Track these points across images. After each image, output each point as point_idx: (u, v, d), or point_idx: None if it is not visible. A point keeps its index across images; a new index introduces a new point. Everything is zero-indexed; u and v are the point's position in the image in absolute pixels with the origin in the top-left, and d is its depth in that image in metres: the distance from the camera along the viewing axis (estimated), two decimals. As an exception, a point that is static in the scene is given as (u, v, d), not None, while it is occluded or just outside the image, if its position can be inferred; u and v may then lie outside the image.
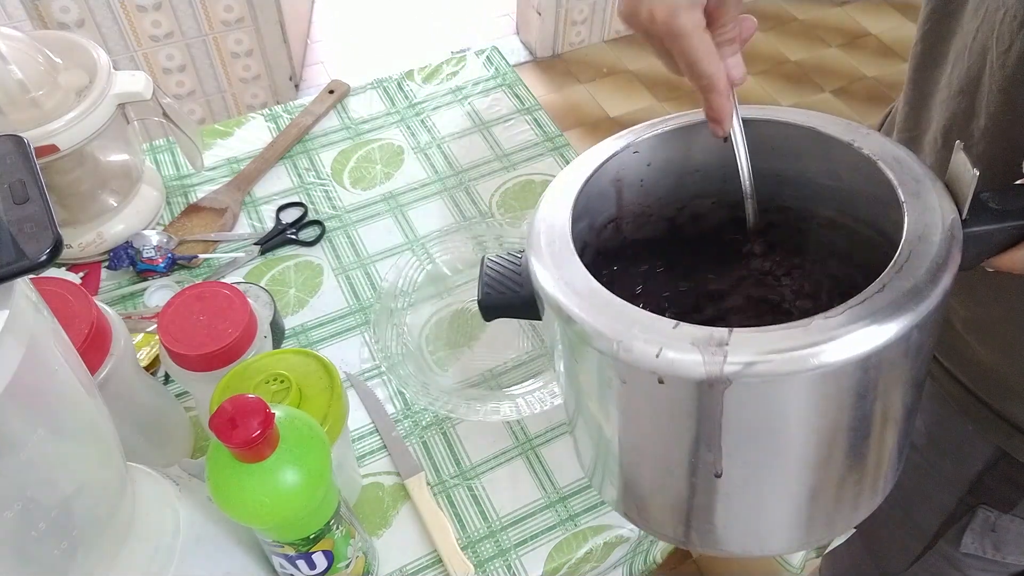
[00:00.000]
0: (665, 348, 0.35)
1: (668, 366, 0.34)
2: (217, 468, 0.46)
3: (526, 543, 0.65)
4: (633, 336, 0.35)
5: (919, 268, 0.36)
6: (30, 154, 0.36)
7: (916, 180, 0.40)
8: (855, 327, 0.34)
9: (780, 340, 0.34)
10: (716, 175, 0.49)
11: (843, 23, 2.51)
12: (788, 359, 0.33)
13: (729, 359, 0.33)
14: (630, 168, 0.48)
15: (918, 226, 0.37)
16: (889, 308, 0.34)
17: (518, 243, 0.82)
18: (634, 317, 0.37)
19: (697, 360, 0.34)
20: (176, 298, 0.59)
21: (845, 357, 0.34)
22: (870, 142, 0.43)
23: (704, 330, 0.35)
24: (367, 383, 0.74)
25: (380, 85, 1.01)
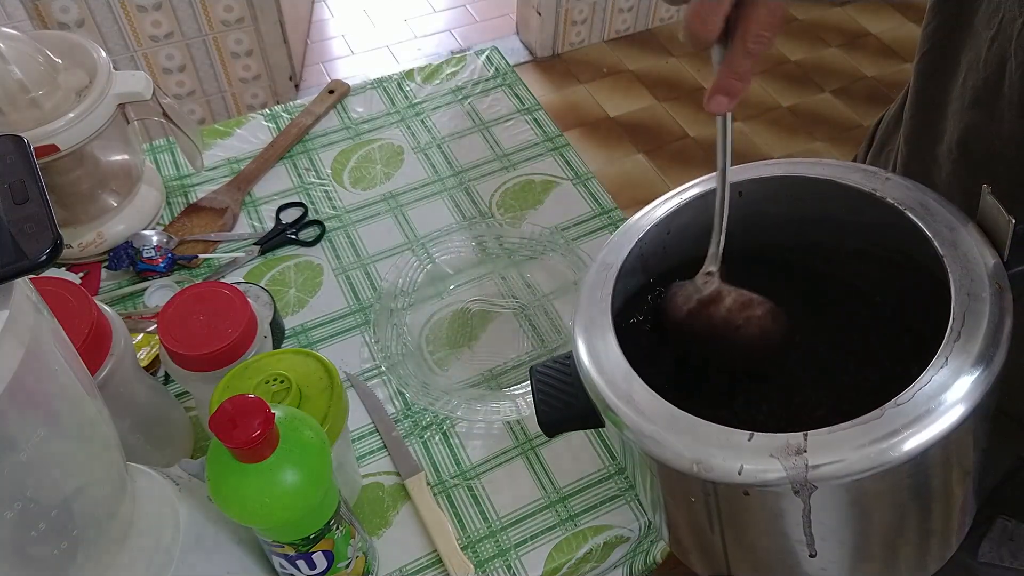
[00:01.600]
0: (745, 464, 0.34)
1: (751, 480, 0.35)
2: (217, 468, 0.46)
3: (526, 543, 0.65)
4: (711, 455, 0.35)
5: (977, 330, 0.35)
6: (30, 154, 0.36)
7: (949, 228, 0.39)
8: (929, 410, 0.33)
9: (857, 437, 0.33)
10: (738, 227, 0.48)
11: (843, 23, 2.51)
12: (868, 456, 0.33)
13: (810, 464, 0.33)
14: (651, 239, 0.48)
15: (964, 281, 0.37)
16: (959, 381, 0.34)
17: (518, 243, 0.82)
18: (707, 433, 0.36)
19: (779, 471, 0.34)
20: (176, 298, 0.59)
21: (924, 442, 0.33)
22: (892, 189, 0.42)
23: (779, 439, 0.34)
24: (367, 383, 0.74)
25: (380, 85, 1.01)
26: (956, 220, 0.40)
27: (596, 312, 0.43)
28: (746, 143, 2.14)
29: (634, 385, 0.39)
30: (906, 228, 0.41)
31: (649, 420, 0.37)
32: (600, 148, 2.12)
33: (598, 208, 0.88)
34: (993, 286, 0.36)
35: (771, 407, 0.46)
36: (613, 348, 0.41)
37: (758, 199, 0.46)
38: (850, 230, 0.46)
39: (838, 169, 0.44)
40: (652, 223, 0.47)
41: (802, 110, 2.23)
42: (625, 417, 0.38)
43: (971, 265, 0.37)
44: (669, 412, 0.37)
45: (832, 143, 2.14)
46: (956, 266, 0.38)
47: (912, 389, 0.34)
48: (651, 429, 0.37)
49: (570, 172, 0.92)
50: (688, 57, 2.39)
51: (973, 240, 0.38)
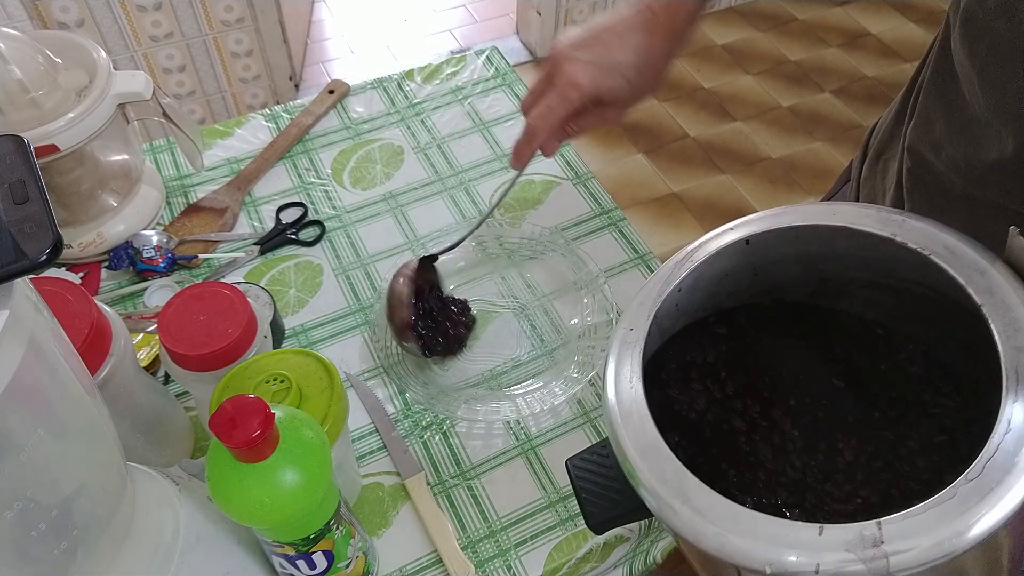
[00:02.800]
0: (821, 561, 0.33)
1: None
2: (217, 468, 0.46)
3: (526, 543, 0.65)
4: (782, 555, 0.34)
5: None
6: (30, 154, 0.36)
7: (980, 271, 0.38)
8: (1002, 483, 0.32)
9: (935, 520, 0.32)
10: (746, 272, 0.47)
11: (843, 23, 2.51)
12: (949, 540, 0.32)
13: (890, 555, 0.32)
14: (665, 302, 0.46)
15: (1009, 333, 0.35)
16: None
17: (518, 243, 0.82)
18: (774, 531, 0.35)
19: (858, 565, 0.33)
20: (176, 298, 0.59)
21: (1002, 517, 0.32)
22: (911, 232, 0.41)
23: (852, 529, 0.33)
24: (367, 383, 0.74)
25: (380, 85, 1.01)
26: (984, 261, 0.38)
27: (631, 402, 0.40)
28: (746, 143, 2.14)
29: (687, 482, 0.37)
30: (931, 270, 0.39)
31: (710, 520, 0.36)
32: (600, 148, 2.12)
33: (598, 208, 0.88)
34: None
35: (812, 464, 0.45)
36: (659, 443, 0.39)
37: (766, 245, 0.45)
38: (861, 265, 0.45)
39: (851, 215, 0.43)
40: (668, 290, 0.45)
41: (802, 110, 2.23)
42: (684, 519, 0.36)
43: (1012, 314, 0.36)
44: (729, 510, 0.36)
45: (832, 143, 2.14)
46: (997, 316, 0.36)
47: (981, 461, 0.33)
48: (714, 531, 0.35)
49: (570, 172, 0.92)
50: (688, 57, 2.39)
51: (1008, 283, 0.37)
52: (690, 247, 0.46)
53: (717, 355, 0.48)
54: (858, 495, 0.42)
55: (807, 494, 0.43)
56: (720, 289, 0.48)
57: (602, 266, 0.78)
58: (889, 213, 0.42)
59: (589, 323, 0.75)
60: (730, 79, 2.33)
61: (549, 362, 0.75)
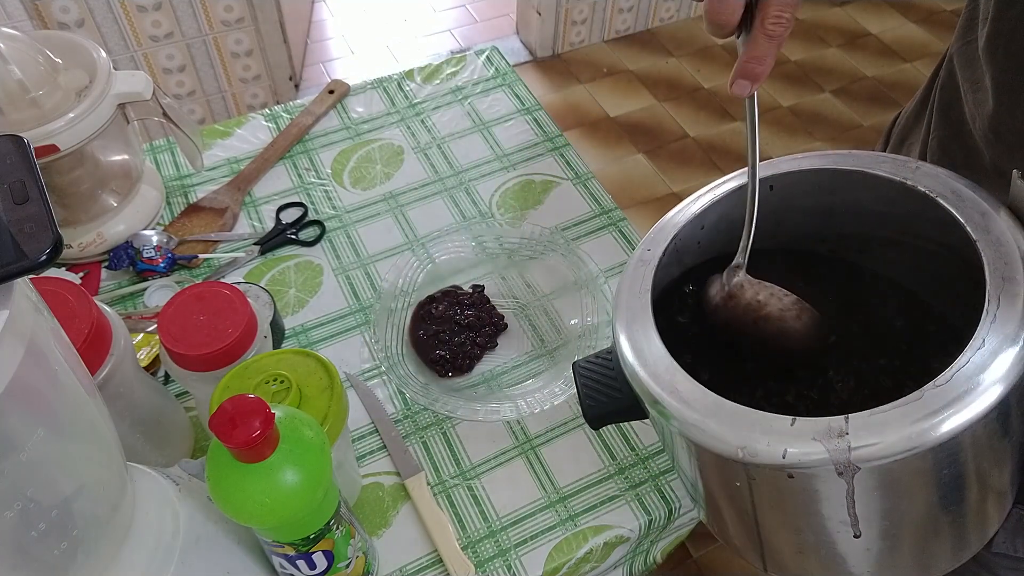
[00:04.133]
0: (789, 447, 0.35)
1: (795, 463, 0.35)
2: (217, 468, 0.46)
3: (526, 543, 0.65)
4: (755, 440, 0.36)
5: (1013, 311, 0.35)
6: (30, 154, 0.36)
7: (981, 213, 0.40)
8: (968, 390, 0.34)
9: (898, 419, 0.34)
10: (769, 220, 0.48)
11: (843, 23, 2.51)
12: (909, 437, 0.34)
13: (853, 446, 0.34)
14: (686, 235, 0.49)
15: (998, 265, 0.37)
16: (996, 361, 0.34)
17: (518, 243, 0.82)
18: (750, 420, 0.37)
19: (822, 453, 0.34)
20: (176, 298, 0.59)
21: (964, 422, 0.34)
22: (923, 178, 0.42)
23: (821, 422, 0.35)
24: (367, 383, 0.74)
25: (380, 85, 1.01)
26: (988, 205, 0.40)
27: (637, 308, 0.44)
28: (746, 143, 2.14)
29: (677, 376, 0.40)
30: (938, 216, 0.41)
31: (693, 410, 0.38)
32: (600, 148, 2.12)
33: (598, 208, 0.88)
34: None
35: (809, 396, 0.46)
36: (655, 342, 0.42)
37: (789, 192, 0.47)
38: (881, 220, 0.47)
39: (867, 160, 0.45)
40: (687, 219, 0.47)
41: (802, 110, 2.23)
42: (670, 408, 0.39)
43: (1004, 249, 0.38)
44: (713, 401, 0.38)
45: (832, 143, 2.14)
46: (989, 250, 0.38)
47: (951, 370, 0.34)
48: (696, 418, 0.38)
49: (570, 172, 0.92)
50: (688, 57, 2.39)
51: (1006, 224, 0.39)
52: (715, 182, 0.48)
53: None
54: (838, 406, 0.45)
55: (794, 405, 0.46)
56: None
57: (602, 266, 0.78)
58: (905, 161, 0.43)
59: (589, 323, 0.75)
60: (730, 79, 2.33)
61: (549, 362, 0.75)
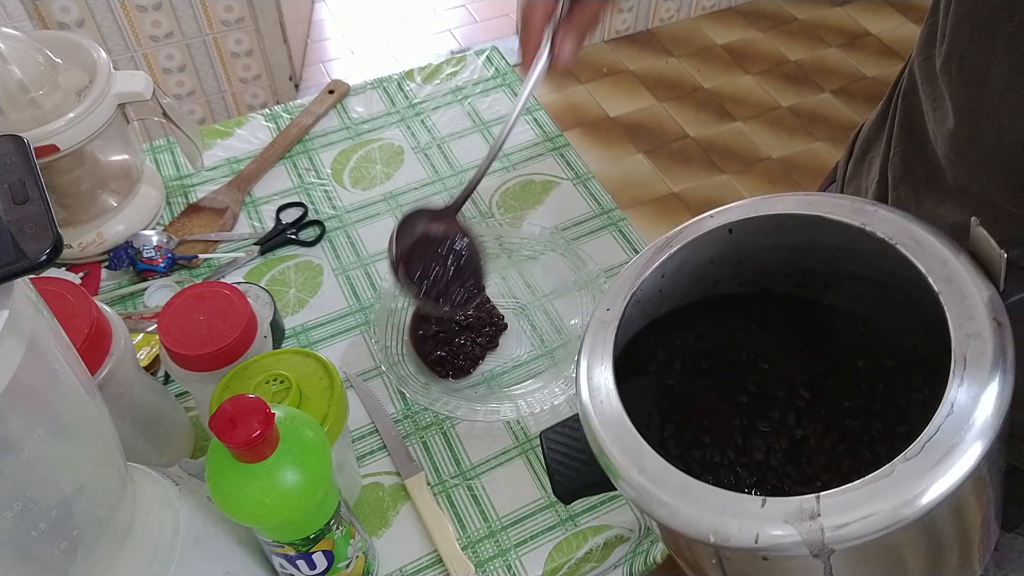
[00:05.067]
0: (760, 531, 0.34)
1: (768, 547, 0.35)
2: (217, 468, 0.46)
3: (526, 543, 0.65)
4: (726, 524, 0.35)
5: (981, 371, 0.34)
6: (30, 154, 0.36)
7: (942, 261, 0.38)
8: (940, 463, 0.33)
9: (872, 497, 0.33)
10: (730, 261, 0.48)
11: (843, 23, 2.51)
12: (884, 517, 0.33)
13: (825, 528, 0.33)
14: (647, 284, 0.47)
15: (962, 320, 0.36)
16: (967, 428, 0.33)
17: (518, 243, 0.82)
18: (720, 502, 0.36)
19: (796, 537, 0.34)
20: (176, 298, 0.59)
21: (939, 495, 0.33)
22: (881, 223, 0.41)
23: (792, 503, 0.34)
24: (367, 383, 0.74)
25: (380, 85, 1.01)
26: (948, 252, 0.39)
27: (601, 377, 0.43)
28: (746, 143, 2.14)
29: (644, 454, 0.39)
30: (899, 260, 0.40)
31: (662, 490, 0.37)
32: (600, 148, 2.12)
33: (598, 208, 0.88)
34: (992, 323, 0.36)
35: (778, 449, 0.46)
36: (623, 418, 0.41)
37: (748, 233, 0.46)
38: (844, 257, 0.46)
39: (824, 205, 0.44)
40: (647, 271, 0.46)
41: (802, 110, 2.23)
42: (638, 488, 0.38)
43: (968, 301, 0.37)
44: (681, 481, 0.37)
45: (832, 143, 2.14)
46: (953, 303, 0.37)
47: (920, 441, 0.34)
48: (665, 500, 0.37)
49: (570, 172, 0.92)
50: (688, 57, 2.40)
51: (967, 272, 0.38)
52: (671, 233, 0.47)
53: (698, 340, 0.50)
54: (818, 478, 0.44)
55: (769, 475, 0.44)
56: (706, 277, 0.49)
57: (602, 266, 0.78)
58: (863, 204, 0.42)
59: (589, 323, 0.75)
60: (730, 79, 2.33)
61: (549, 362, 0.75)
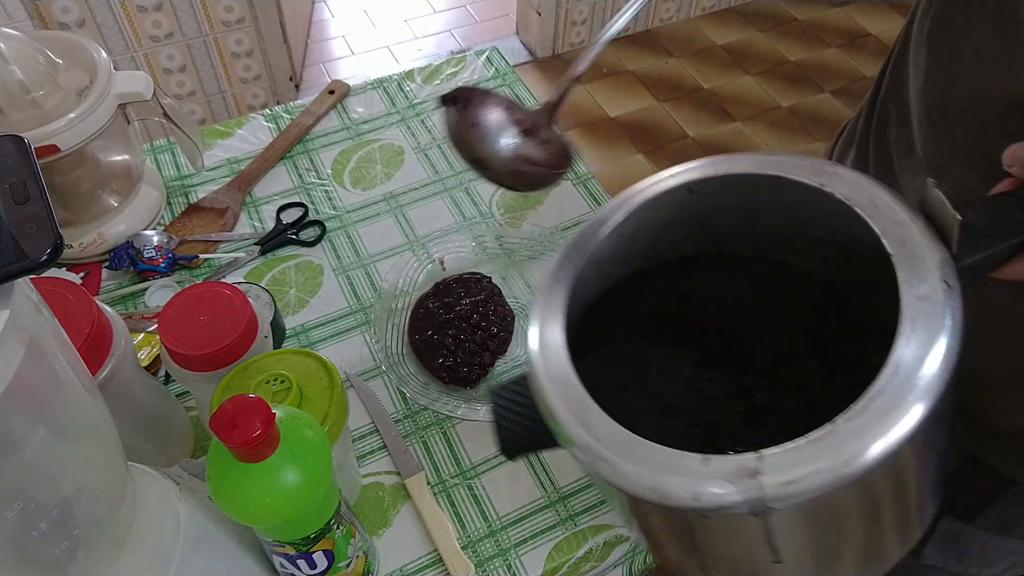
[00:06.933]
0: (701, 489, 0.34)
1: (708, 505, 0.34)
2: (217, 468, 0.46)
3: (526, 542, 0.65)
4: (665, 482, 0.35)
5: (929, 335, 0.34)
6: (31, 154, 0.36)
7: (897, 223, 0.38)
8: (883, 421, 0.33)
9: (811, 456, 0.33)
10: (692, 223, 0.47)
11: (843, 23, 2.51)
12: (825, 475, 0.32)
13: (766, 486, 0.33)
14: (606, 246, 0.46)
15: (914, 283, 0.36)
16: (911, 388, 0.33)
17: (518, 243, 0.82)
18: (661, 459, 0.35)
19: (735, 496, 0.33)
20: (177, 298, 0.59)
21: (881, 453, 0.32)
22: (841, 184, 0.41)
23: (733, 461, 0.34)
24: (367, 383, 0.74)
25: (380, 85, 1.01)
26: (905, 215, 0.38)
27: (551, 334, 0.42)
28: (746, 143, 2.14)
29: (589, 409, 0.38)
30: (857, 222, 0.40)
31: (606, 447, 0.37)
32: (600, 148, 2.12)
33: (598, 208, 0.88)
34: (942, 285, 0.35)
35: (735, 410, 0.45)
36: (570, 374, 0.40)
37: (709, 195, 0.45)
38: (806, 219, 0.45)
39: (785, 164, 0.43)
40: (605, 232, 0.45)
41: (802, 110, 2.23)
42: (582, 444, 0.37)
43: (920, 264, 0.36)
44: (625, 438, 0.37)
45: (832, 143, 2.14)
46: (905, 265, 0.36)
47: (863, 400, 0.33)
48: (606, 455, 0.36)
49: (570, 172, 0.92)
50: (688, 57, 2.40)
51: (921, 236, 0.37)
52: (629, 191, 0.46)
53: (658, 302, 0.49)
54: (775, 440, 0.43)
55: (724, 437, 0.44)
56: (666, 238, 0.48)
57: (602, 266, 0.78)
58: (824, 164, 0.42)
59: (589, 323, 0.75)
60: (730, 79, 2.33)
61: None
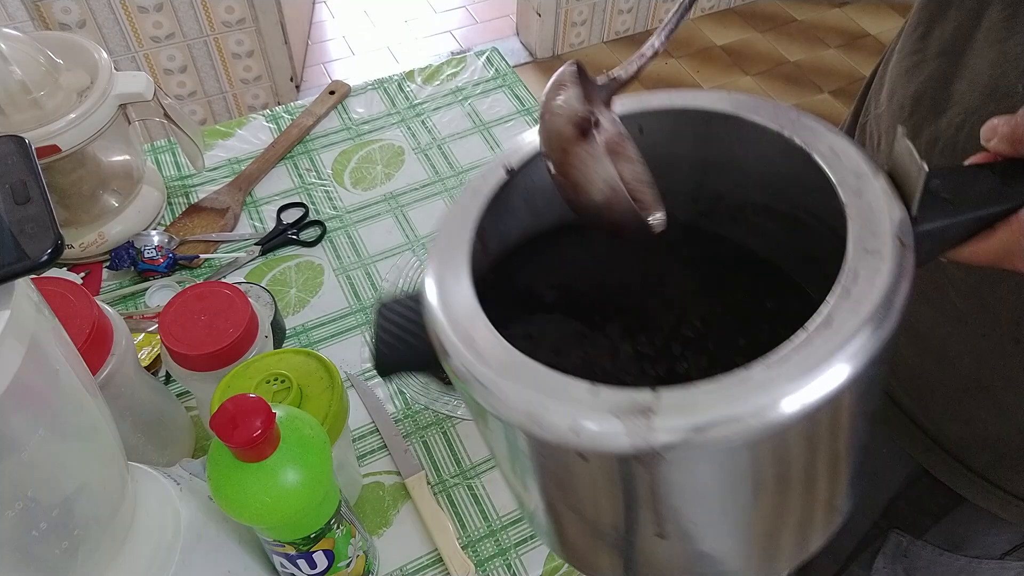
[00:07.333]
0: (581, 420, 0.28)
1: (588, 442, 0.28)
2: (218, 468, 0.46)
3: (526, 542, 0.65)
4: (543, 407, 0.29)
5: (870, 289, 0.30)
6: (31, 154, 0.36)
7: (857, 175, 0.34)
8: (801, 375, 0.28)
9: (715, 401, 0.28)
10: None
11: (842, 24, 2.51)
12: (725, 423, 0.28)
13: (658, 428, 0.28)
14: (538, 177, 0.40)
15: (864, 235, 0.32)
16: (838, 345, 0.29)
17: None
18: (545, 382, 0.30)
19: (620, 433, 0.28)
20: (177, 298, 0.59)
21: (792, 412, 0.28)
22: (802, 130, 0.37)
23: (626, 394, 0.29)
24: (367, 383, 0.74)
25: (381, 86, 1.01)
26: (867, 167, 0.35)
27: (454, 244, 0.37)
28: (746, 144, 2.14)
29: (478, 325, 0.33)
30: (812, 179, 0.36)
31: (486, 365, 0.31)
32: (600, 149, 2.12)
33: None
34: (895, 242, 0.31)
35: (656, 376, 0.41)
36: (464, 285, 0.35)
37: (661, 139, 0.41)
38: (757, 182, 0.41)
39: (746, 104, 0.39)
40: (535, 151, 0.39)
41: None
42: (460, 359, 0.32)
43: (874, 218, 0.32)
44: (510, 357, 0.31)
45: (832, 144, 2.14)
46: (857, 217, 0.33)
47: (784, 347, 0.28)
48: (484, 374, 0.31)
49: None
50: (688, 57, 2.40)
51: (881, 190, 0.33)
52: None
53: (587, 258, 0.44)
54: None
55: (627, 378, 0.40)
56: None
57: (602, 266, 0.78)
58: (786, 110, 0.38)
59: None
60: (730, 79, 2.33)
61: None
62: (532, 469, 0.35)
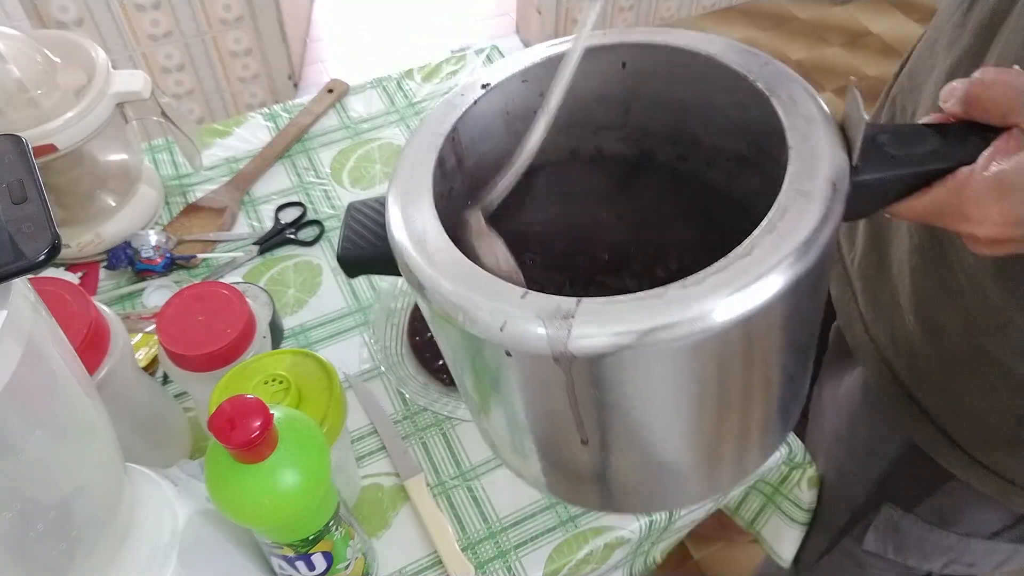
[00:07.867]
0: (510, 320, 0.32)
1: (512, 340, 0.32)
2: (216, 469, 0.46)
3: (526, 544, 0.65)
4: (478, 306, 0.33)
5: (796, 227, 0.32)
6: (28, 153, 0.36)
7: (808, 121, 0.36)
8: (713, 298, 0.30)
9: (630, 313, 0.31)
10: (619, 105, 0.44)
11: (845, 22, 2.51)
12: (635, 335, 0.30)
13: (574, 334, 0.31)
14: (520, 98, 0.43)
15: (800, 177, 0.34)
16: (754, 274, 0.31)
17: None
18: (484, 285, 0.34)
19: (540, 334, 0.31)
20: (175, 298, 0.59)
21: (699, 330, 0.30)
22: (767, 75, 0.39)
23: (551, 300, 0.32)
24: (366, 384, 0.74)
25: (379, 84, 1.01)
26: (818, 115, 0.36)
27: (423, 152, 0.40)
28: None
29: (430, 229, 0.36)
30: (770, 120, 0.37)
31: (431, 264, 0.35)
32: (600, 148, 2.12)
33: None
34: (828, 186, 0.33)
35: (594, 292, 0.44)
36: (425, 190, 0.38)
37: (642, 77, 0.43)
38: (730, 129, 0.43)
39: (722, 47, 0.41)
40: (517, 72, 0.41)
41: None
42: (409, 259, 0.36)
43: (814, 161, 0.34)
44: (455, 261, 0.35)
45: (832, 143, 2.14)
46: (798, 159, 0.34)
47: (703, 274, 0.31)
48: (429, 273, 0.35)
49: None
50: (688, 57, 2.39)
51: (828, 140, 0.35)
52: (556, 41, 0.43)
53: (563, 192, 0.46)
54: None
55: None
56: (589, 118, 0.45)
57: (602, 266, 0.78)
58: (757, 56, 0.40)
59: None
60: (730, 79, 2.33)
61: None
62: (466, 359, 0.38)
